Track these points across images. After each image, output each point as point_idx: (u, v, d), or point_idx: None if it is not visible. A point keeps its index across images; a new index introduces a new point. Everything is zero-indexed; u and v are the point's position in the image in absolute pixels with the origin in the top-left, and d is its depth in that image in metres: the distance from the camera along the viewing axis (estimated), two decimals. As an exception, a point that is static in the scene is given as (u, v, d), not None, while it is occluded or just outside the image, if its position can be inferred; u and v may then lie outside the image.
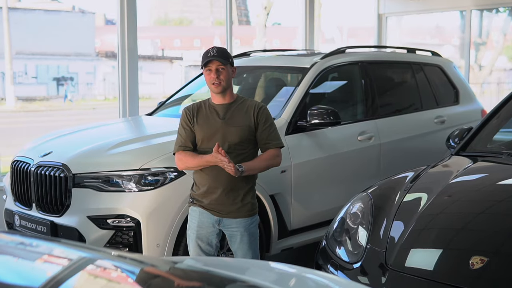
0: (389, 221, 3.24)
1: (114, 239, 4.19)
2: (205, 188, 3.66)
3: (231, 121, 3.65)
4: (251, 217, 3.72)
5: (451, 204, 3.34)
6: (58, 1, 40.48)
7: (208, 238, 3.71)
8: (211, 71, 3.62)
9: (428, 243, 3.05)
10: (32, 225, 4.51)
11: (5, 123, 22.12)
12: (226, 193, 3.64)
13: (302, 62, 5.54)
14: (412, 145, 5.95)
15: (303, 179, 4.92)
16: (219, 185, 3.63)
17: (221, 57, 3.62)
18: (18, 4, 37.11)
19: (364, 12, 29.01)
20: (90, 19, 36.84)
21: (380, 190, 3.59)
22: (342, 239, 3.30)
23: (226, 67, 3.62)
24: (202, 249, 3.72)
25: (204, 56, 3.66)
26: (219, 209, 3.66)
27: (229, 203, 3.65)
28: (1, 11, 27.10)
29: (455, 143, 4.25)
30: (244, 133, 3.64)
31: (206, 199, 3.67)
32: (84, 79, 34.92)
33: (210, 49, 3.67)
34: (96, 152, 4.48)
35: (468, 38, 10.26)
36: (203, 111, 3.70)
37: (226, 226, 3.70)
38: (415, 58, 6.60)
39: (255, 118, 3.67)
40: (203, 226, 3.70)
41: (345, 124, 5.33)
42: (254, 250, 3.77)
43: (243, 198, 3.68)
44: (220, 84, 3.62)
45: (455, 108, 6.62)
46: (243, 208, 3.68)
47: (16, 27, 28.78)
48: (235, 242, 3.72)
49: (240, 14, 61.38)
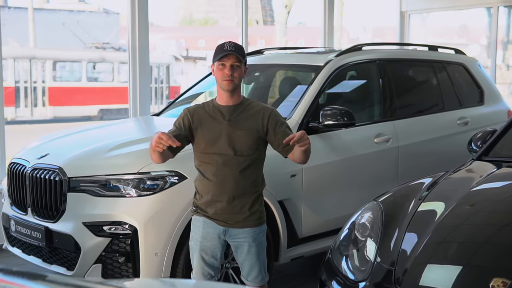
0: (401, 232, 2.94)
1: (111, 247, 3.95)
2: (209, 197, 3.38)
3: (237, 123, 3.36)
4: (260, 226, 3.45)
5: (472, 215, 3.03)
6: (84, 2, 40.72)
7: (213, 250, 3.44)
8: (224, 66, 3.33)
9: (445, 259, 2.74)
10: (27, 231, 4.30)
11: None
12: (232, 201, 3.36)
13: (316, 60, 5.26)
14: (433, 148, 5.64)
15: (314, 183, 4.65)
16: (225, 192, 3.35)
17: (238, 53, 3.34)
18: (45, 5, 37.37)
19: (389, 11, 28.60)
20: (114, 19, 36.92)
21: (392, 198, 3.30)
22: (349, 252, 3.01)
23: (241, 64, 3.35)
24: (206, 261, 3.44)
25: (219, 50, 3.36)
26: (225, 219, 3.38)
27: (236, 211, 3.37)
28: (26, 12, 27.29)
29: (477, 146, 3.93)
30: (252, 137, 3.36)
31: (211, 208, 3.39)
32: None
33: (227, 43, 3.38)
34: (93, 155, 4.25)
35: (495, 36, 9.87)
36: (206, 113, 3.42)
37: (233, 237, 3.42)
38: (437, 56, 6.29)
39: (265, 123, 3.38)
40: (207, 238, 3.42)
41: (360, 126, 5.05)
42: (262, 261, 3.50)
43: (251, 206, 3.40)
44: (233, 82, 3.33)
45: (480, 109, 6.30)
46: (251, 217, 3.40)
47: (41, 27, 28.92)
48: (242, 253, 3.44)
49: (265, 14, 61.27)
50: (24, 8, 28.70)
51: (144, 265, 3.90)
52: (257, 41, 39.31)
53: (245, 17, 8.26)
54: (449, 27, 15.82)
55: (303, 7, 32.03)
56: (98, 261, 3.96)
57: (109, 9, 38.77)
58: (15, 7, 30.74)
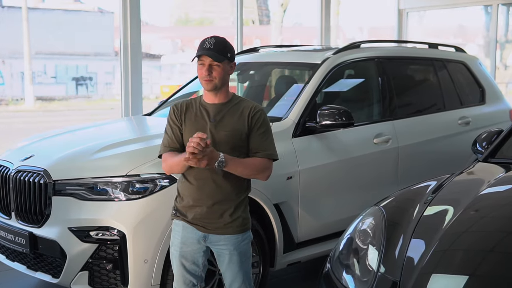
0: (406, 239, 2.75)
1: (98, 254, 3.75)
2: (189, 200, 3.16)
3: (221, 124, 3.14)
4: (242, 234, 3.20)
5: (481, 220, 2.84)
6: (80, 1, 40.49)
7: (193, 256, 3.22)
8: (203, 65, 3.10)
9: (455, 269, 2.54)
10: (10, 236, 4.10)
11: (24, 122, 21.97)
12: (212, 206, 3.13)
13: (313, 57, 5.09)
14: (433, 148, 5.47)
15: (312, 186, 4.46)
16: (205, 197, 3.13)
17: (217, 52, 3.08)
18: (40, 4, 37.11)
19: (386, 11, 28.43)
20: (109, 19, 36.69)
21: (395, 202, 3.10)
22: (350, 262, 2.80)
23: (222, 63, 3.10)
24: (187, 268, 3.22)
25: (199, 47, 3.13)
26: (205, 224, 3.15)
27: (216, 217, 3.14)
28: (20, 11, 27.05)
29: (482, 147, 3.74)
30: (234, 139, 3.12)
31: (190, 212, 3.17)
32: (103, 79, 34.81)
33: (207, 40, 3.14)
34: (80, 156, 4.05)
35: (494, 35, 9.73)
36: (192, 110, 3.20)
37: (213, 243, 3.20)
38: (437, 54, 6.12)
39: (249, 123, 3.14)
40: (187, 243, 3.20)
41: (359, 126, 4.87)
42: (246, 272, 3.26)
43: (233, 212, 3.16)
44: (212, 82, 3.10)
45: (481, 108, 6.14)
46: (233, 223, 3.16)
47: (35, 27, 28.69)
48: (223, 261, 3.22)
49: (261, 14, 61.12)
50: (18, 7, 28.45)
51: (133, 272, 3.70)
52: (253, 41, 39.13)
53: (240, 17, 8.14)
54: (445, 27, 15.67)
55: (299, 7, 31.72)
56: (85, 268, 3.76)
57: (103, 9, 38.52)
58: (9, 6, 30.49)
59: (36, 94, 28.15)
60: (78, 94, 33.01)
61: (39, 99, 28.74)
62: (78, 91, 33.51)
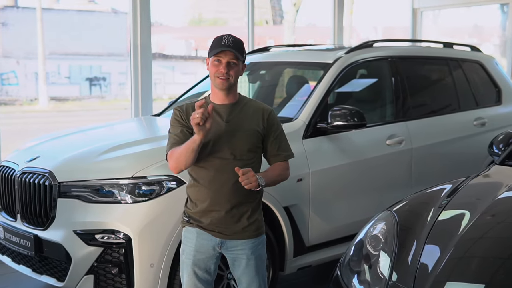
0: (420, 245, 2.65)
1: (103, 257, 3.68)
2: (205, 205, 3.06)
3: (236, 124, 3.06)
4: (259, 237, 3.15)
5: (498, 226, 2.73)
6: (94, 2, 40.63)
7: (206, 264, 3.12)
8: (220, 62, 3.00)
9: (469, 276, 2.44)
10: (16, 238, 4.04)
11: (38, 123, 22.04)
12: (231, 210, 3.05)
13: (325, 57, 4.99)
14: (448, 150, 5.35)
15: (323, 188, 4.37)
16: (223, 201, 3.03)
17: (237, 50, 3.01)
18: (54, 5, 37.28)
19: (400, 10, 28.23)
20: (122, 19, 36.78)
21: (408, 206, 3.00)
22: (360, 268, 2.70)
23: (238, 62, 3.03)
24: (199, 277, 3.12)
25: (216, 43, 3.03)
26: (222, 230, 3.07)
27: (234, 221, 3.06)
28: (35, 12, 27.17)
29: (499, 149, 3.62)
30: (253, 139, 3.06)
31: (206, 218, 3.07)
32: (117, 79, 34.90)
33: (225, 37, 3.03)
34: (85, 158, 3.98)
35: (511, 35, 9.54)
36: None
37: (230, 249, 3.11)
38: (452, 53, 6.00)
39: (265, 124, 3.10)
40: (201, 250, 3.10)
41: (372, 127, 4.77)
42: (263, 275, 3.19)
43: (251, 215, 3.09)
44: (228, 80, 3.01)
45: (497, 108, 6.01)
46: (250, 227, 3.09)
47: (50, 27, 28.81)
48: (240, 266, 3.13)
49: (275, 14, 61.03)
50: (33, 8, 28.57)
51: (139, 277, 3.62)
52: (266, 41, 39.06)
53: (252, 17, 8.07)
54: (460, 26, 15.50)
55: (312, 7, 31.52)
56: (90, 272, 3.69)
57: (117, 9, 38.63)
58: (23, 7, 30.65)
59: (50, 95, 28.27)
60: (91, 95, 33.09)
61: (53, 100, 28.85)
62: (92, 91, 33.59)
